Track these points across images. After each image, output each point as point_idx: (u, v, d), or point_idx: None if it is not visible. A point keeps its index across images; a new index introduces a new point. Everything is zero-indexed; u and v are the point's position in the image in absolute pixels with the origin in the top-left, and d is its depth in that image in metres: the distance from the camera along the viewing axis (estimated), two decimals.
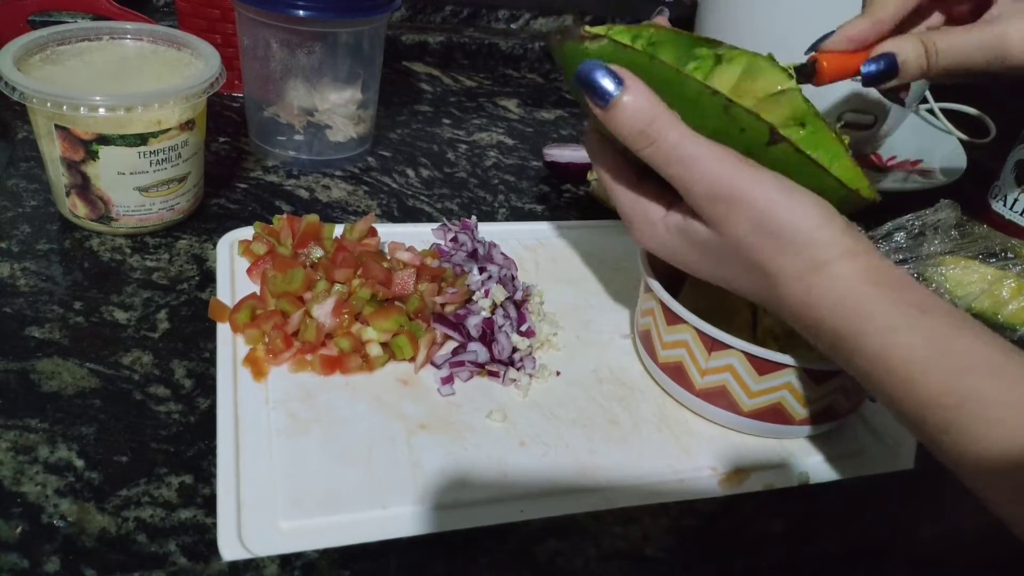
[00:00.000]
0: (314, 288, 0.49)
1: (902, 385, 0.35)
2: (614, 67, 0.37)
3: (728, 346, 0.44)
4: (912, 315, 0.35)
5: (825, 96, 0.74)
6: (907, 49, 0.46)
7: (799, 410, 0.45)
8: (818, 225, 0.37)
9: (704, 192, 0.38)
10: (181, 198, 0.57)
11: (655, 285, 0.47)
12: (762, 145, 0.38)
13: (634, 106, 0.37)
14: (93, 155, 0.52)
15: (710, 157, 0.37)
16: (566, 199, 0.71)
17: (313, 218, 0.55)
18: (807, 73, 0.47)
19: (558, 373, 0.50)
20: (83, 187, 0.53)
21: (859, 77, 0.47)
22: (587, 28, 0.41)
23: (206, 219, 0.60)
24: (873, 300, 0.36)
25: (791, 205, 0.37)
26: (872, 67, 0.46)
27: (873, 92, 0.73)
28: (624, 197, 0.43)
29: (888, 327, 0.35)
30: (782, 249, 0.37)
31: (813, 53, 0.47)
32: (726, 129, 0.38)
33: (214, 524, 0.38)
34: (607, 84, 0.37)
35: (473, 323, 0.50)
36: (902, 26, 0.48)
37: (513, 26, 1.05)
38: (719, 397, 0.46)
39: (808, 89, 0.47)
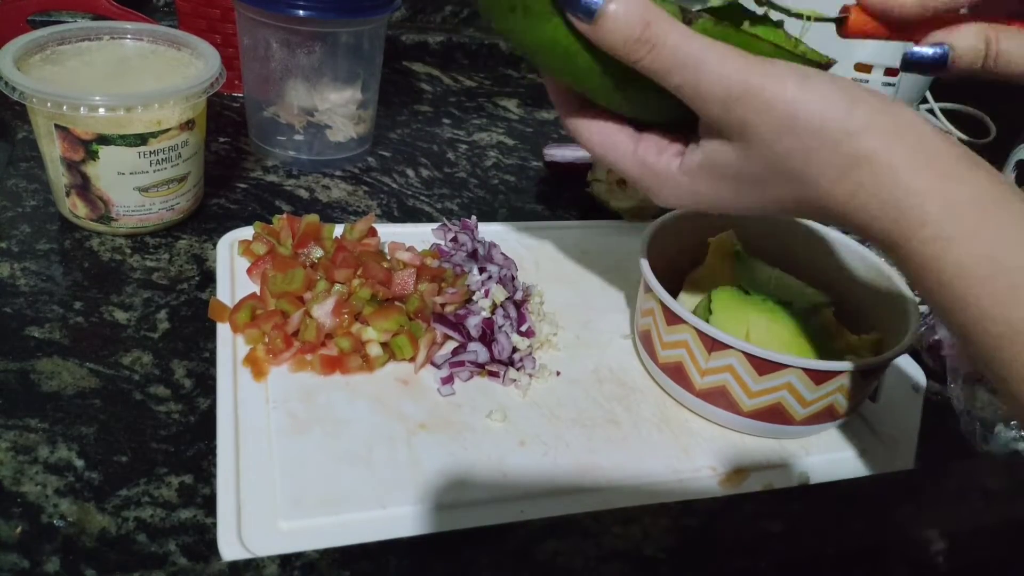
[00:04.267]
0: (314, 288, 0.49)
1: (953, 301, 0.31)
2: None
3: (728, 346, 0.44)
4: (968, 218, 0.31)
5: None
6: (965, 42, 0.39)
7: (799, 410, 0.45)
8: (847, 110, 0.33)
9: (717, 96, 0.34)
10: (181, 198, 0.57)
11: (655, 285, 0.47)
12: None
13: (624, 12, 0.33)
14: (93, 155, 0.52)
15: (716, 57, 0.33)
16: (566, 199, 0.71)
17: (313, 218, 0.55)
18: (836, 21, 0.42)
19: (558, 373, 0.50)
20: (83, 187, 0.53)
21: (891, 45, 0.40)
22: None
23: (206, 219, 0.60)
24: (924, 200, 0.31)
25: (813, 92, 0.33)
26: (919, 54, 0.40)
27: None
28: (629, 165, 0.39)
29: (940, 236, 0.31)
30: (817, 147, 0.33)
31: (848, 4, 0.42)
32: None
33: (214, 524, 0.38)
34: None
35: (473, 323, 0.50)
36: (952, 16, 0.41)
37: None
38: (719, 397, 0.46)
39: None
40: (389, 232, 0.59)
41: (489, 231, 0.62)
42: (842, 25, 0.42)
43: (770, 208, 0.37)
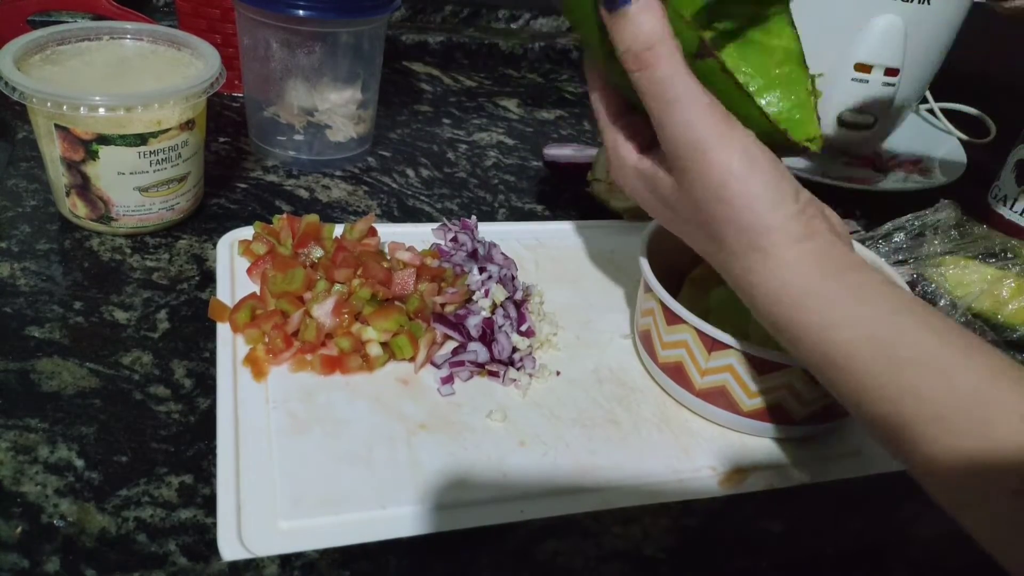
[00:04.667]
0: (314, 288, 0.49)
1: (844, 380, 0.35)
2: None
3: (728, 346, 0.44)
4: (849, 307, 0.34)
5: (825, 94, 0.74)
6: None
7: (799, 410, 0.45)
8: (770, 206, 0.36)
9: (673, 138, 0.37)
10: (181, 198, 0.57)
11: (655, 285, 0.47)
12: (690, 56, 0.36)
13: (637, 23, 0.35)
14: (93, 155, 0.52)
15: (690, 103, 0.36)
16: (566, 199, 0.71)
17: (313, 218, 0.55)
18: None
19: (558, 373, 0.50)
20: (83, 187, 0.53)
21: None
22: None
23: (206, 219, 0.60)
24: (809, 293, 0.35)
25: (750, 177, 0.36)
26: None
27: (873, 92, 0.73)
28: (607, 130, 0.43)
29: (825, 323, 0.35)
30: (730, 221, 0.37)
31: None
32: None
33: (214, 524, 0.38)
34: None
35: (473, 323, 0.50)
36: None
37: (513, 26, 1.05)
38: (719, 397, 0.46)
39: None
40: (389, 232, 0.59)
41: (489, 231, 0.62)
42: None
43: (682, 237, 0.42)
